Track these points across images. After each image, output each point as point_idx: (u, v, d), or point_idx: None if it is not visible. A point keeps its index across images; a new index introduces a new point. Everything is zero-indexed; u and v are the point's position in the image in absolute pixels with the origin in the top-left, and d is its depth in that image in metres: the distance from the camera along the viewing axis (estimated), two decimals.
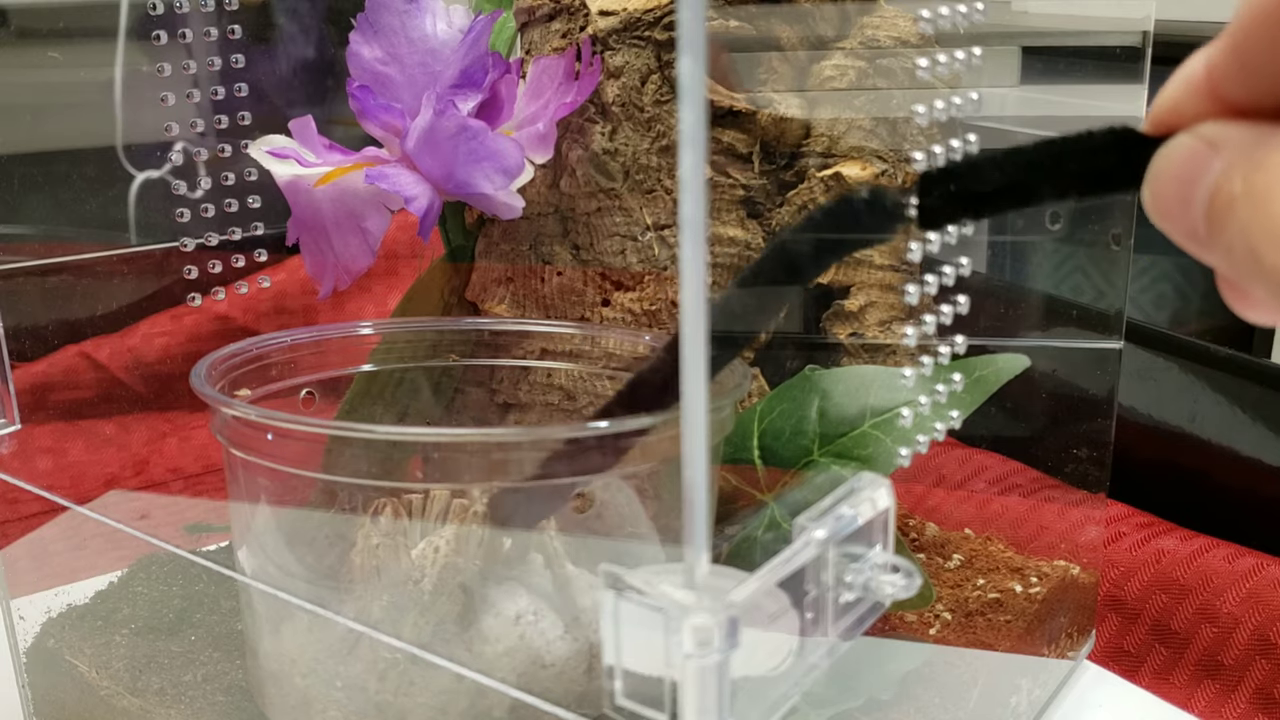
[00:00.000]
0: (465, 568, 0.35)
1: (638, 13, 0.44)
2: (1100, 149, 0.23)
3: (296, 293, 0.72)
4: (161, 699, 0.40)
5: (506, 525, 0.35)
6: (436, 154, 0.42)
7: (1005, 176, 0.24)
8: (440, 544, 0.35)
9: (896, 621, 0.45)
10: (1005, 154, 0.24)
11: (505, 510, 0.35)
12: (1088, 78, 0.47)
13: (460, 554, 0.35)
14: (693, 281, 0.20)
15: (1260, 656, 0.52)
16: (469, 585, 0.34)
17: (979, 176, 0.25)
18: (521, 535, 0.35)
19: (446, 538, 0.35)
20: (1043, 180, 0.24)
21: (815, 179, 0.45)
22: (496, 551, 0.35)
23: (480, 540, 0.35)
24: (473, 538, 0.35)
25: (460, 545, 0.35)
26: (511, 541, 0.35)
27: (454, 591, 0.34)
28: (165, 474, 0.69)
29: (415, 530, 0.35)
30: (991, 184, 0.24)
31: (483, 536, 0.35)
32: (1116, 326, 0.48)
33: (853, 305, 0.46)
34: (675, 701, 0.22)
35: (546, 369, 0.47)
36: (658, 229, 0.45)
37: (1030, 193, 0.24)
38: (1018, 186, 0.24)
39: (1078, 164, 0.24)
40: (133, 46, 0.67)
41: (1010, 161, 0.24)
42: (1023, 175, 0.24)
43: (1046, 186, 0.24)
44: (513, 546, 0.35)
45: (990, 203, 0.25)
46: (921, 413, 0.36)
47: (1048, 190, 0.24)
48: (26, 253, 0.62)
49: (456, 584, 0.34)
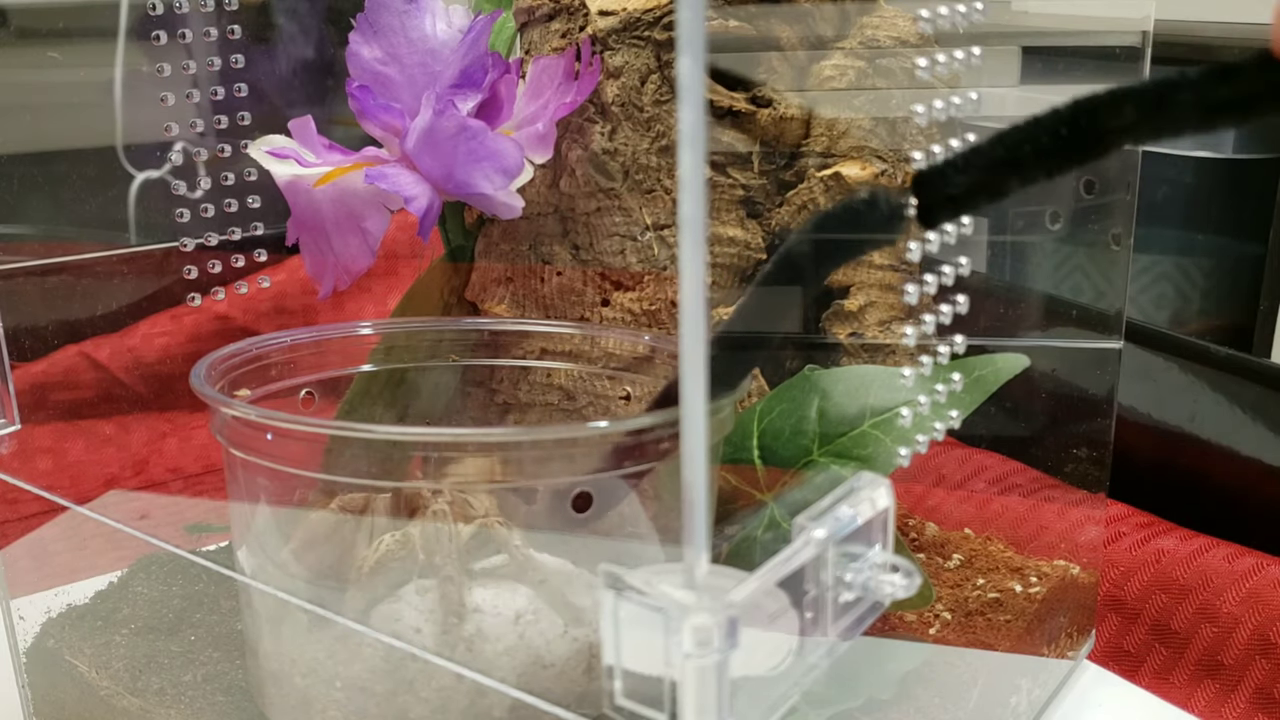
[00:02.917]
0: (416, 559, 0.35)
1: (637, 13, 0.44)
2: (1242, 74, 0.24)
3: (296, 293, 0.72)
4: (161, 699, 0.40)
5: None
6: (436, 154, 0.42)
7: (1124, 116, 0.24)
8: (387, 538, 0.35)
9: (896, 621, 0.45)
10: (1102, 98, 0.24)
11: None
12: (1088, 78, 0.47)
13: (412, 546, 0.35)
14: (692, 281, 0.20)
15: (1260, 656, 0.52)
16: (453, 576, 0.35)
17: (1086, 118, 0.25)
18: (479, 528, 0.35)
19: (402, 532, 0.35)
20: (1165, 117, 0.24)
21: (815, 179, 0.45)
22: (455, 544, 0.35)
23: (439, 533, 0.35)
24: (433, 531, 0.35)
25: (416, 538, 0.35)
26: (471, 533, 0.35)
27: (394, 577, 0.34)
28: (165, 474, 0.69)
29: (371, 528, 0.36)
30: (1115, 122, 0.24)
31: (448, 530, 0.35)
32: (1116, 326, 0.48)
33: (852, 305, 0.46)
34: (675, 701, 0.22)
35: (546, 369, 0.47)
36: (657, 229, 0.45)
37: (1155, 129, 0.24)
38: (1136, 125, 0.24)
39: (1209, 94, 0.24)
40: (133, 46, 0.67)
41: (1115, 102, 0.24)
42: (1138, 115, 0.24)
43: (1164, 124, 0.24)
44: (473, 539, 0.35)
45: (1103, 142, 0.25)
46: (921, 413, 0.36)
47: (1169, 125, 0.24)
48: (26, 253, 0.62)
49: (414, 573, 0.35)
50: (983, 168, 0.27)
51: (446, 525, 0.35)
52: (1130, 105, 0.25)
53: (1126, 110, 0.25)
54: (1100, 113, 0.25)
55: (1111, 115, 0.25)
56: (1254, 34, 0.90)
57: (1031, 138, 0.26)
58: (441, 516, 0.35)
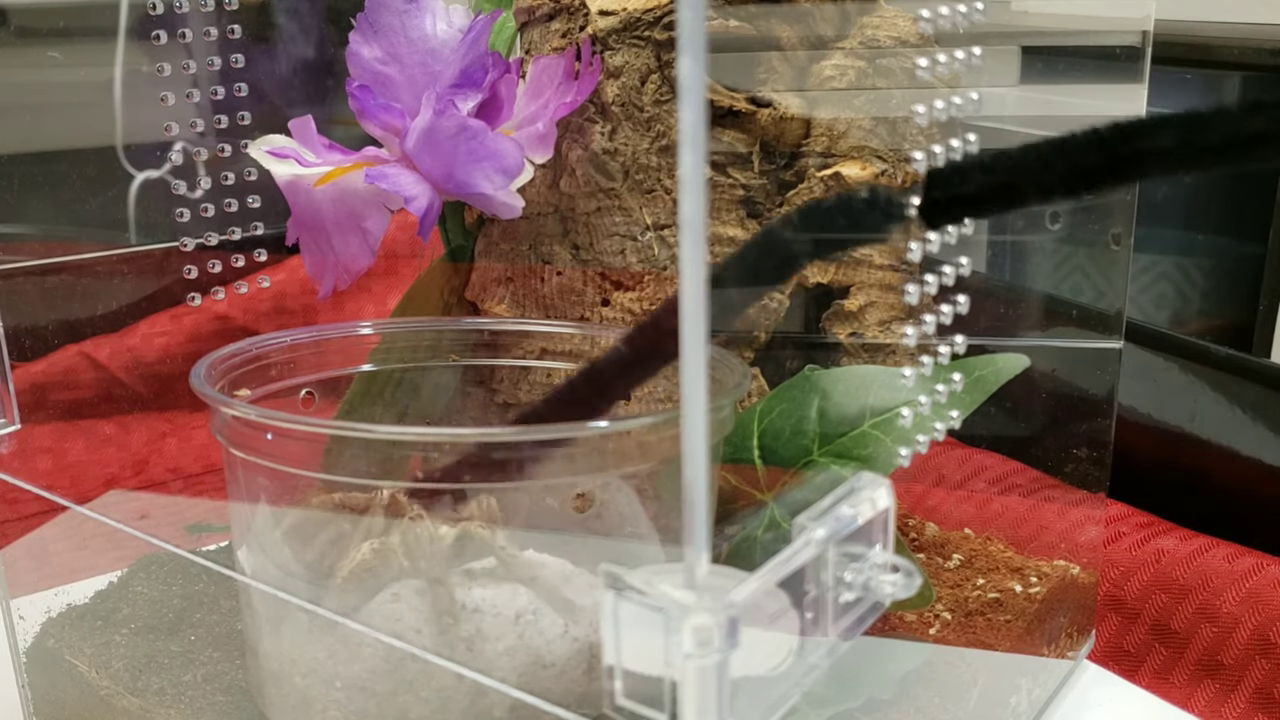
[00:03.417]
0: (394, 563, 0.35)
1: (638, 12, 0.44)
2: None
3: (296, 293, 0.72)
4: (161, 699, 0.40)
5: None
6: (436, 154, 0.42)
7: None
8: (366, 545, 0.35)
9: (896, 621, 0.45)
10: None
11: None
12: (1088, 78, 0.47)
13: (389, 556, 0.35)
14: (693, 281, 0.20)
15: (1260, 656, 0.52)
16: (438, 579, 0.34)
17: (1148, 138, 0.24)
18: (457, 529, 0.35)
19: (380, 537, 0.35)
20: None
21: (815, 179, 0.45)
22: (435, 547, 0.35)
23: (420, 538, 0.35)
24: (413, 536, 0.35)
25: (396, 547, 0.35)
26: (454, 537, 0.35)
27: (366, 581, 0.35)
28: (165, 474, 0.69)
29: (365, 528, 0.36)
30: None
31: (428, 534, 0.35)
32: (1116, 326, 0.48)
33: (853, 305, 0.46)
34: (675, 701, 0.22)
35: (546, 369, 0.47)
36: (657, 229, 0.45)
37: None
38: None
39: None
40: (133, 46, 0.67)
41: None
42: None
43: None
44: (455, 542, 0.35)
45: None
46: (921, 413, 0.36)
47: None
48: (26, 253, 0.62)
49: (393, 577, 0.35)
50: (1014, 174, 0.26)
51: (427, 529, 0.35)
52: (1180, 132, 0.24)
53: (1175, 137, 0.24)
54: (1149, 137, 0.24)
55: (1164, 140, 0.24)
56: (1254, 34, 0.90)
57: (1074, 152, 0.25)
58: (420, 520, 0.35)
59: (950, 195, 0.26)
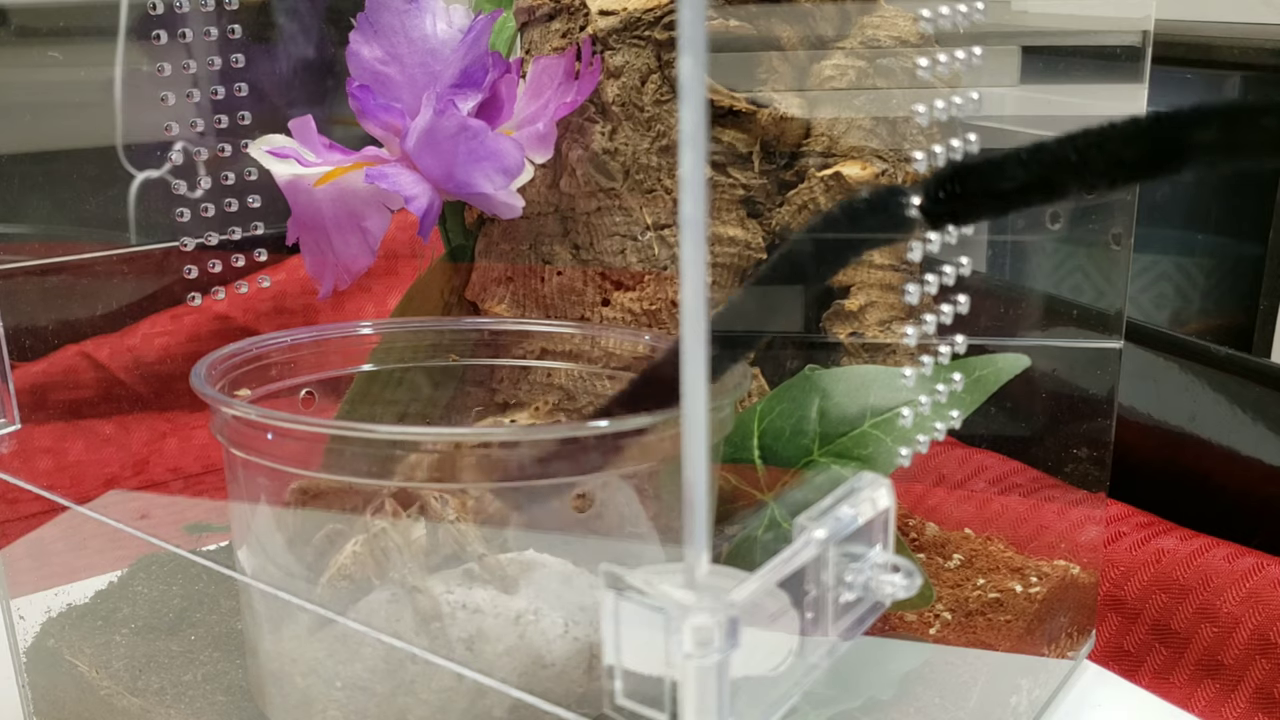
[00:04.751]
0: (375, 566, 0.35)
1: (638, 12, 0.44)
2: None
3: (296, 293, 0.72)
4: (161, 699, 0.40)
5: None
6: (436, 154, 0.42)
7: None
8: (349, 547, 0.35)
9: (896, 621, 0.45)
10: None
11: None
12: (1088, 78, 0.47)
13: (367, 561, 0.35)
14: (693, 281, 0.20)
15: (1260, 656, 0.52)
16: (413, 582, 0.35)
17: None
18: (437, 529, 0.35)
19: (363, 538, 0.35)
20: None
21: (815, 179, 0.45)
22: (409, 550, 0.35)
23: (390, 541, 0.35)
24: (384, 539, 0.35)
25: (370, 551, 0.35)
26: (425, 541, 0.35)
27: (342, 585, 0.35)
28: (165, 474, 0.69)
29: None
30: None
31: (397, 538, 0.35)
32: (1116, 326, 0.48)
33: (853, 305, 0.46)
34: (675, 701, 0.22)
35: (546, 369, 0.47)
36: (658, 229, 0.45)
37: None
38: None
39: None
40: (133, 46, 0.67)
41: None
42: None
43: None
44: (428, 545, 0.35)
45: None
46: (921, 412, 0.36)
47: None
48: (26, 253, 0.62)
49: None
50: (1030, 171, 0.26)
51: (401, 534, 0.35)
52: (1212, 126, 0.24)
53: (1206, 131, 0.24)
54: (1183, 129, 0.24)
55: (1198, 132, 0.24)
56: (1254, 34, 0.90)
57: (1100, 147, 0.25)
58: (398, 522, 0.35)
59: (985, 189, 0.25)
